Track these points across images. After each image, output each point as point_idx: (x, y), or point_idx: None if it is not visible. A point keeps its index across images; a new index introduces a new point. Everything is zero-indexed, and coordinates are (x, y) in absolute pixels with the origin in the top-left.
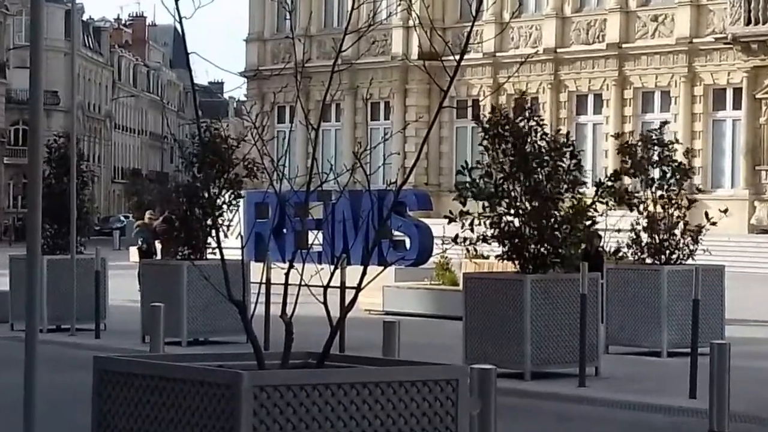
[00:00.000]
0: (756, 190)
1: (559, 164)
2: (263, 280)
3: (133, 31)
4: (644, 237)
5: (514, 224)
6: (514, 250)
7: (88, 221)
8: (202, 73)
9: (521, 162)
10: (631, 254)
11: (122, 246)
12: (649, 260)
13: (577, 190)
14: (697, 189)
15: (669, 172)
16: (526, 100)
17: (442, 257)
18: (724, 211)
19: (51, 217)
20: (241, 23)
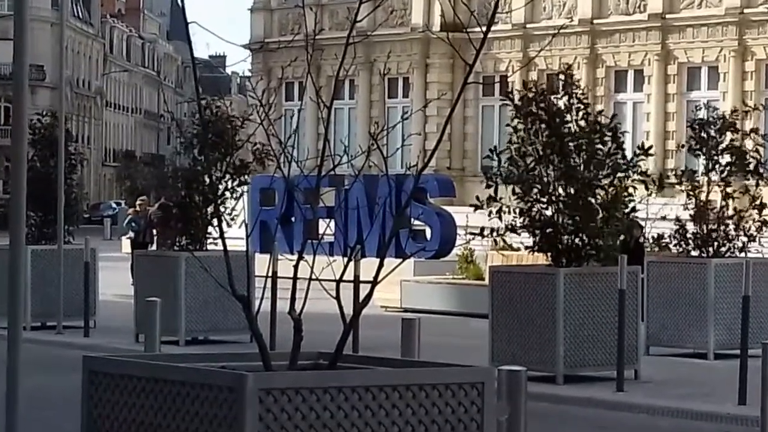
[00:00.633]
0: None
1: (599, 147)
2: (269, 274)
3: (127, 0)
4: (690, 227)
5: (547, 213)
6: (546, 241)
7: (76, 208)
8: (202, 45)
9: (557, 143)
10: (674, 246)
11: (114, 235)
12: (694, 252)
13: (617, 177)
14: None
15: (736, 161)
16: (571, 74)
17: (465, 249)
18: None
19: (36, 204)
20: None
